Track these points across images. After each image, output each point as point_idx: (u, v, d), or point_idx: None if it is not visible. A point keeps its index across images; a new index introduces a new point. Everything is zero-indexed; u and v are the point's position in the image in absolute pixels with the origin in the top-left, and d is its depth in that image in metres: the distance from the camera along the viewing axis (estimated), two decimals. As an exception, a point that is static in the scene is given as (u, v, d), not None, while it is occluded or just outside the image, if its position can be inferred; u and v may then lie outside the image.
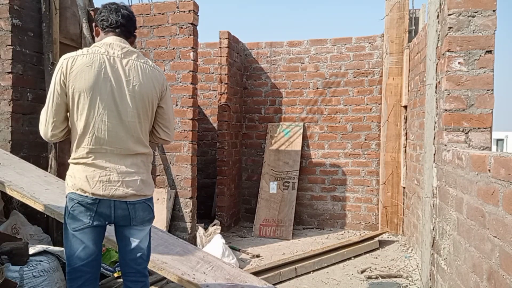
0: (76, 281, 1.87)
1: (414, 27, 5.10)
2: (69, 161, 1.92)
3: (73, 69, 1.79)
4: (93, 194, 1.83)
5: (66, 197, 1.91)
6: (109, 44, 1.89)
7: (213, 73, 6.03)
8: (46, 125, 1.86)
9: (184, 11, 4.03)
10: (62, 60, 1.82)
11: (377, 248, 4.50)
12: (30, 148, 3.72)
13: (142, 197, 1.95)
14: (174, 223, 4.11)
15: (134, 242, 1.98)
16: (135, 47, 2.11)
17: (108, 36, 1.95)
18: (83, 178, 1.84)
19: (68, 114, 1.88)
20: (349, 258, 4.15)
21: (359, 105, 5.55)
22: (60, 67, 1.81)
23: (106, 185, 1.84)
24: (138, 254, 2.00)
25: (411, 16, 5.12)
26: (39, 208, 2.66)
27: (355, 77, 5.55)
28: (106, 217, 1.89)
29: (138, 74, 1.91)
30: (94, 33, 2.05)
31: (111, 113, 1.85)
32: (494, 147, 18.02)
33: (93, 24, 2.04)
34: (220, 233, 4.20)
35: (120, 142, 1.88)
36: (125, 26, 1.98)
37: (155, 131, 2.09)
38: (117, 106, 1.86)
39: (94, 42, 4.28)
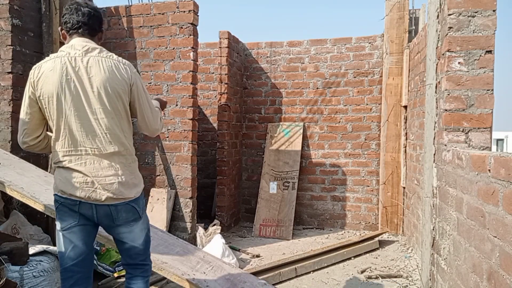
0: (67, 281, 1.89)
1: (414, 27, 5.10)
2: (52, 164, 1.95)
3: (39, 76, 1.83)
4: (71, 195, 1.84)
5: None
6: (71, 46, 1.88)
7: (213, 73, 6.03)
8: (19, 133, 1.93)
9: (184, 11, 4.03)
10: (31, 70, 1.87)
11: (377, 248, 4.50)
12: (30, 148, 3.72)
13: (121, 200, 1.90)
14: (174, 223, 4.11)
15: (127, 244, 2.01)
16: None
17: (72, 39, 1.92)
18: (63, 179, 1.85)
19: (40, 123, 1.93)
20: (349, 258, 4.15)
21: (359, 105, 5.55)
22: (29, 78, 1.85)
23: (83, 187, 1.84)
24: (133, 252, 2.04)
25: (411, 16, 5.12)
26: (39, 208, 2.66)
27: (355, 77, 5.55)
28: (90, 217, 1.90)
29: (100, 70, 1.85)
30: (61, 37, 2.01)
31: (79, 114, 1.83)
32: (494, 147, 18.01)
33: (59, 28, 2.03)
34: (220, 233, 4.20)
35: (93, 142, 1.85)
36: (87, 24, 1.92)
37: (137, 125, 2.06)
38: (84, 106, 1.84)
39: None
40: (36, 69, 1.85)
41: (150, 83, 4.18)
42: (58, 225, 1.89)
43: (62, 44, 3.98)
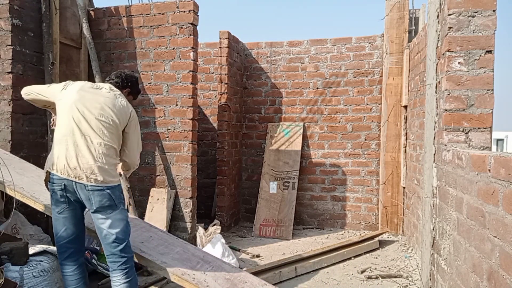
0: (62, 254, 2.42)
1: (414, 27, 5.10)
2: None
3: (68, 84, 2.52)
4: (56, 170, 2.27)
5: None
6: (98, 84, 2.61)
7: (213, 73, 6.03)
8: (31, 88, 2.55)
9: (184, 11, 4.03)
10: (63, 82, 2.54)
11: (377, 248, 4.50)
12: (30, 148, 3.72)
13: (99, 183, 2.28)
14: (174, 223, 4.11)
15: (104, 230, 2.35)
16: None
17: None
18: (53, 157, 2.30)
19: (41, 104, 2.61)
20: (349, 258, 4.15)
21: (359, 105, 5.55)
22: (60, 83, 2.55)
23: (67, 167, 2.26)
24: (110, 239, 2.34)
25: (411, 16, 5.12)
26: (39, 208, 2.66)
27: (355, 77, 5.55)
28: (74, 197, 2.31)
29: (113, 97, 2.48)
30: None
31: (84, 110, 2.35)
32: (494, 147, 18.00)
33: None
34: (220, 233, 4.20)
35: (87, 131, 2.32)
36: (113, 80, 2.66)
37: (121, 152, 2.53)
38: (89, 108, 2.37)
39: (93, 42, 4.28)
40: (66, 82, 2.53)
41: (150, 83, 4.18)
42: (53, 210, 2.38)
43: (62, 43, 3.99)
